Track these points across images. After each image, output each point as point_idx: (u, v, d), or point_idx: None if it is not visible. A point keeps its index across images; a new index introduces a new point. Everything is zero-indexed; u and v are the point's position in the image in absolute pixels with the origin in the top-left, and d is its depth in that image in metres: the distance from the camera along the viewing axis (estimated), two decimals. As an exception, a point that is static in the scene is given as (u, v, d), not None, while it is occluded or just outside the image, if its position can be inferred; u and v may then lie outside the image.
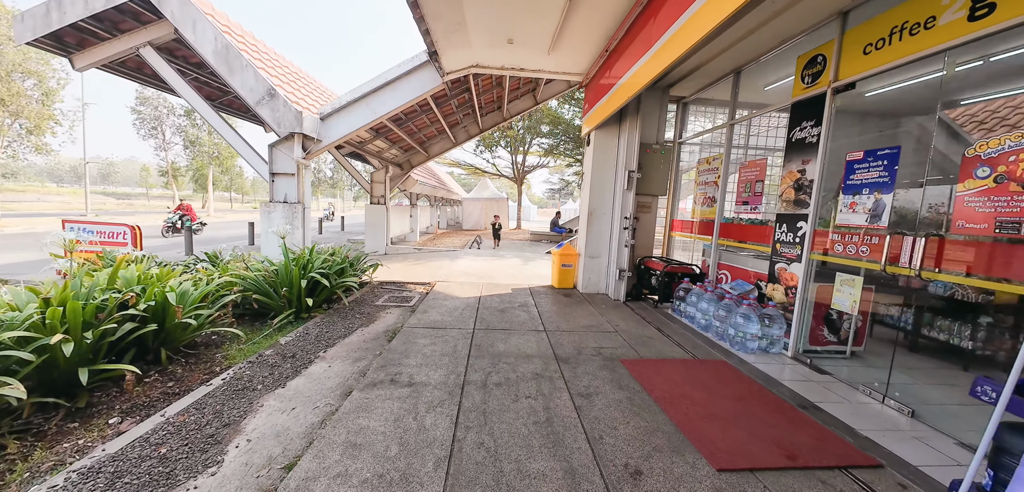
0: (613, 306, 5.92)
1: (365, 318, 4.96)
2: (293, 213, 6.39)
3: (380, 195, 11.71)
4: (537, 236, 16.75)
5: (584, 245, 6.73)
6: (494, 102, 10.96)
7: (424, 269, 8.70)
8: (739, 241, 5.23)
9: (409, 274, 8.01)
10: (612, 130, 6.53)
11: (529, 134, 21.54)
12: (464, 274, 8.18)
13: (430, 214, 21.52)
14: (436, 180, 18.94)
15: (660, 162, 6.28)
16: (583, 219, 6.91)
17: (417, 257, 10.68)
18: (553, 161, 25.75)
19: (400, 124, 8.79)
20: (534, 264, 10.01)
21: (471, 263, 9.74)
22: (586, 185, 6.80)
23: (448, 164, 25.43)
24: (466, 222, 25.24)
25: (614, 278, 6.40)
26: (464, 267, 9.07)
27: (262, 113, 6.06)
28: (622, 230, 6.23)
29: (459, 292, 6.49)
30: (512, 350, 3.94)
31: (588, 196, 6.65)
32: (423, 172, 15.67)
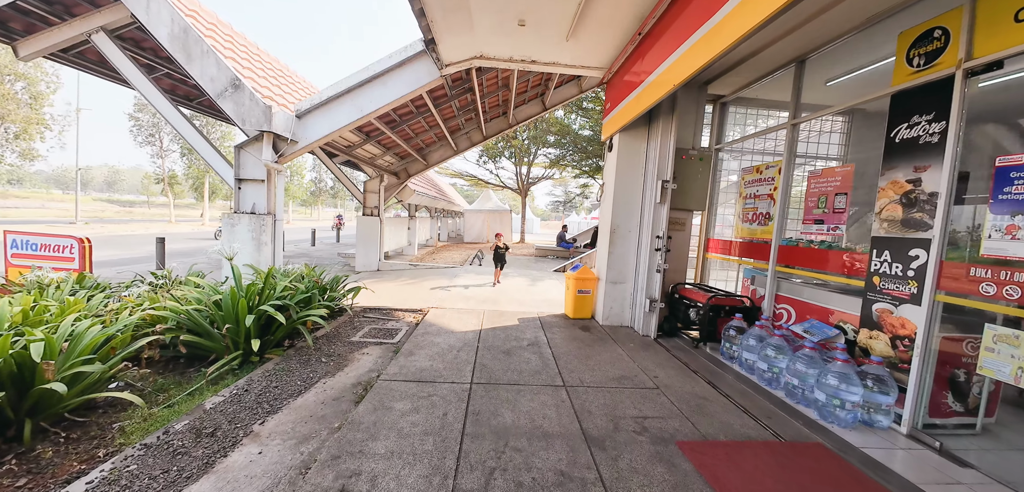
0: (643, 345, 4.82)
1: (333, 363, 3.89)
2: (261, 227, 5.37)
3: (373, 206, 10.73)
4: (543, 251, 15.69)
5: (605, 268, 5.66)
6: (499, 106, 10.01)
7: (417, 291, 7.63)
8: (808, 269, 4.14)
9: (399, 298, 6.94)
10: (639, 134, 5.51)
11: (534, 144, 20.66)
12: (463, 298, 7.11)
13: (430, 226, 20.55)
14: (436, 190, 18.01)
15: (698, 171, 5.24)
16: (603, 237, 5.85)
17: (412, 275, 9.62)
18: (558, 173, 24.83)
19: (394, 127, 7.84)
20: (542, 285, 8.93)
21: (472, 283, 8.67)
22: (607, 198, 5.76)
23: (450, 175, 24.55)
24: (468, 235, 24.25)
25: (642, 309, 5.31)
26: (463, 288, 8.01)
27: (225, 107, 5.09)
28: (653, 251, 5.16)
29: (456, 323, 5.41)
30: (524, 423, 2.85)
31: (610, 211, 5.60)
32: (422, 182, 14.72)
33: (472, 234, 24.29)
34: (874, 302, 3.35)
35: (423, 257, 14.63)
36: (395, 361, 3.95)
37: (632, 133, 5.50)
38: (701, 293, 4.93)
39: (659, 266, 5.05)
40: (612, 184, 5.58)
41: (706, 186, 5.30)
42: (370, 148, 8.99)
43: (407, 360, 3.98)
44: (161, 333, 3.44)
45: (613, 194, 5.54)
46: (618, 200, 5.55)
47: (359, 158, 9.08)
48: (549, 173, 24.17)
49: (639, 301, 5.41)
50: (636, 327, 5.47)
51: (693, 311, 4.89)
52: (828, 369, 3.19)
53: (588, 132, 17.44)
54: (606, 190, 5.89)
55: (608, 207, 5.71)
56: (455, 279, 9.14)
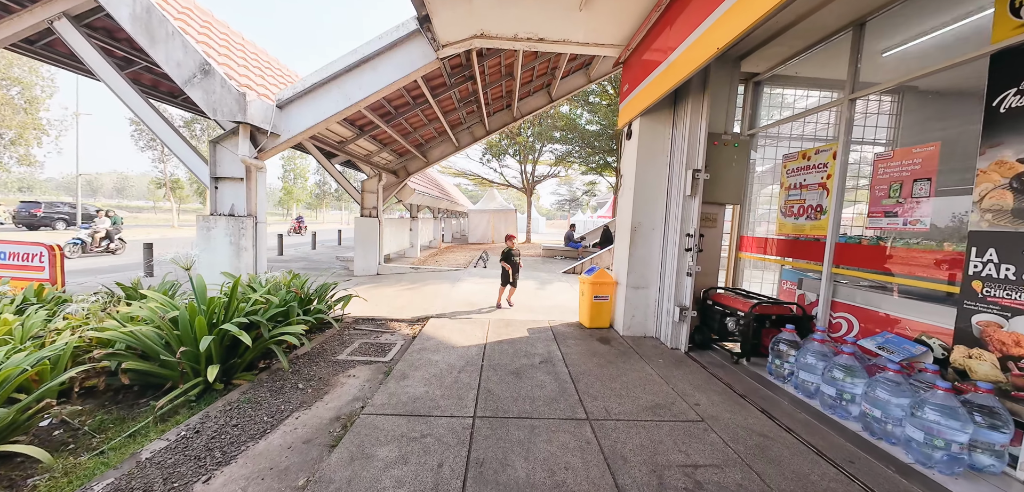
0: (674, 361, 4.17)
1: (312, 389, 3.29)
2: (240, 230, 4.80)
3: (372, 207, 10.16)
4: (550, 251, 15.04)
5: (625, 272, 5.01)
6: (503, 98, 9.39)
7: (417, 297, 7.03)
8: (876, 271, 3.47)
9: (397, 305, 6.34)
10: (663, 117, 4.85)
11: (539, 141, 20.01)
12: (466, 305, 6.49)
13: (433, 227, 19.98)
14: (438, 190, 17.43)
15: (733, 159, 4.57)
16: (622, 237, 5.20)
17: (412, 279, 9.03)
18: (564, 170, 24.17)
19: (389, 120, 7.26)
20: (552, 289, 8.29)
21: (476, 288, 8.06)
22: (626, 192, 5.11)
23: (453, 174, 23.99)
24: (472, 235, 23.66)
25: (670, 317, 4.65)
26: (467, 293, 7.39)
27: (194, 95, 4.52)
28: (683, 252, 4.50)
29: (458, 335, 4.80)
30: (541, 478, 2.22)
31: (630, 206, 4.95)
32: (422, 180, 14.14)
33: (477, 235, 23.69)
34: (974, 313, 2.68)
35: (426, 260, 14.06)
36: (385, 386, 3.34)
37: (655, 117, 4.84)
38: (740, 300, 4.26)
39: (690, 268, 4.39)
40: (632, 176, 4.93)
41: (743, 176, 4.63)
42: (364, 144, 8.41)
43: (399, 385, 3.36)
44: (100, 359, 2.86)
45: (634, 187, 4.89)
46: (639, 194, 4.90)
47: (354, 155, 8.51)
48: (554, 171, 23.52)
49: (666, 308, 4.76)
50: (663, 338, 4.81)
51: (731, 320, 4.22)
52: (925, 400, 2.52)
53: (595, 127, 16.76)
54: (624, 183, 5.24)
55: (627, 202, 5.06)
56: (458, 283, 8.53)
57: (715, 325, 4.46)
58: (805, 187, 4.26)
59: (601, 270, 5.29)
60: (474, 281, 8.87)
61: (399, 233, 13.78)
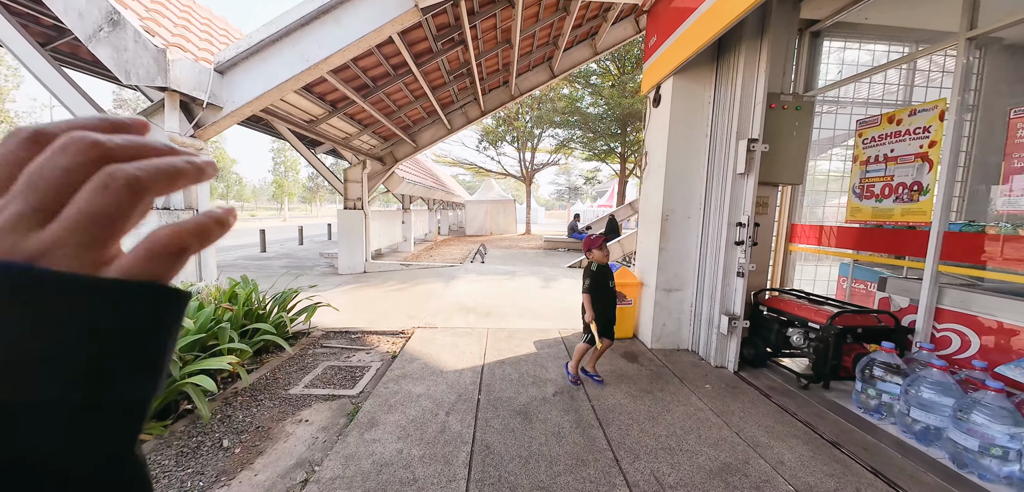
0: (725, 386, 3.26)
1: (243, 446, 2.36)
2: (176, 227, 3.80)
3: (356, 198, 9.15)
4: (552, 243, 14.11)
5: (654, 271, 4.07)
6: (499, 72, 8.35)
7: (405, 300, 6.09)
8: (1009, 269, 2.54)
9: (380, 311, 5.40)
10: (702, 77, 3.87)
11: (538, 126, 18.95)
12: (460, 309, 5.56)
13: (428, 219, 19.00)
14: (433, 179, 16.40)
15: (794, 127, 3.61)
16: (650, 228, 4.26)
17: (402, 278, 8.08)
18: (564, 157, 23.14)
19: (366, 94, 6.24)
20: (559, 287, 7.36)
21: (472, 287, 7.12)
22: (654, 172, 4.15)
23: (448, 163, 22.94)
24: (470, 227, 22.68)
25: (713, 327, 3.73)
26: (461, 295, 6.45)
27: (101, 54, 3.51)
28: (731, 245, 3.55)
29: (448, 353, 3.87)
30: None
31: (660, 190, 4.00)
32: (413, 168, 13.10)
33: (474, 226, 22.73)
34: None
35: (419, 254, 13.10)
36: (344, 440, 2.41)
37: (691, 77, 3.86)
38: (807, 306, 3.33)
39: (742, 267, 3.45)
40: (663, 152, 3.96)
41: (805, 147, 3.67)
42: (340, 125, 7.38)
43: (364, 439, 2.43)
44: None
45: (664, 166, 3.93)
46: (672, 174, 3.94)
47: (330, 138, 7.48)
48: (555, 158, 22.49)
49: (706, 316, 3.83)
50: (702, 352, 3.89)
51: (797, 333, 3.30)
52: None
53: (598, 109, 15.71)
54: (650, 161, 4.27)
55: (656, 185, 4.10)
56: (453, 282, 7.58)
57: (771, 337, 3.54)
58: (893, 159, 3.31)
59: (622, 269, 4.35)
60: (471, 279, 7.93)
61: (390, 226, 12.79)
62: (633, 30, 8.98)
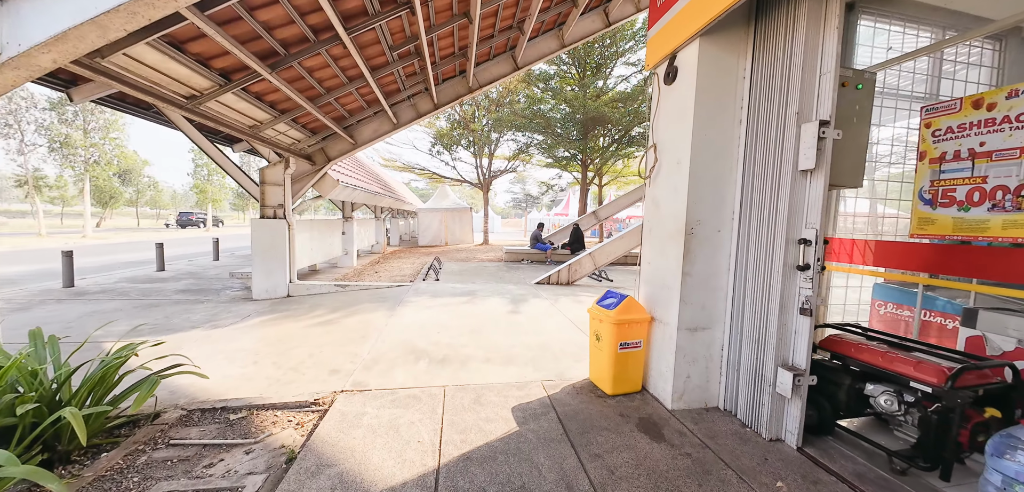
0: (801, 477, 2.22)
1: None
2: None
3: (276, 204, 7.38)
4: (515, 255, 12.97)
5: (675, 303, 2.99)
6: (453, 55, 7.08)
7: (330, 341, 4.56)
8: None
9: (290, 364, 3.85)
10: (736, 42, 2.89)
11: (497, 130, 17.86)
12: (406, 353, 4.16)
13: (374, 229, 17.07)
14: (379, 184, 14.60)
15: (854, 111, 2.71)
16: (665, 246, 3.19)
17: (333, 305, 6.45)
18: (523, 165, 22.24)
19: (275, 64, 4.65)
20: (530, 310, 6.16)
21: (423, 316, 5.71)
22: (673, 172, 3.09)
23: (398, 168, 21.08)
24: (423, 237, 20.94)
25: (758, 382, 2.71)
26: (410, 328, 5.04)
27: None
28: (791, 270, 2.55)
29: (383, 447, 2.49)
30: None
31: (683, 194, 2.94)
32: (353, 170, 11.33)
33: (428, 236, 21.02)
34: None
35: (362, 271, 11.33)
36: None
37: (721, 42, 2.87)
38: (900, 357, 2.39)
39: (808, 301, 2.46)
40: (685, 142, 2.92)
41: (866, 139, 2.78)
42: (241, 107, 5.65)
43: None
44: None
45: (689, 161, 2.88)
46: (699, 172, 2.90)
47: (229, 125, 5.71)
48: (513, 165, 21.48)
49: (749, 366, 2.80)
50: (744, 415, 2.86)
51: (888, 395, 2.35)
52: None
53: (558, 114, 14.92)
54: (663, 157, 3.22)
55: (674, 188, 3.05)
56: (399, 309, 6.11)
57: (840, 395, 2.58)
58: (984, 155, 2.49)
59: (629, 300, 3.23)
60: (422, 303, 6.50)
61: (326, 238, 10.92)
62: (602, 23, 8.18)
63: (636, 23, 13.95)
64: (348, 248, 12.43)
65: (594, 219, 15.21)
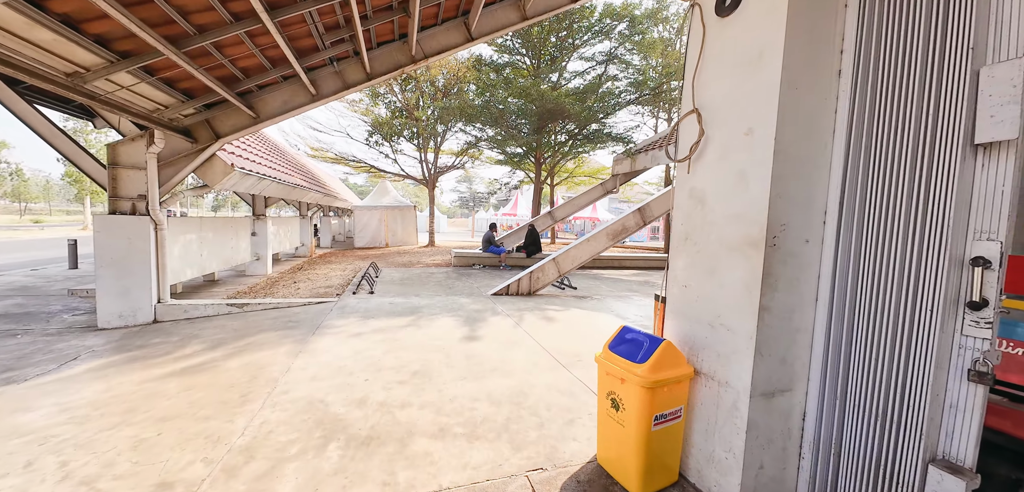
0: None
1: None
2: None
3: (135, 194, 5.33)
4: (465, 259, 11.57)
5: (749, 354, 1.89)
6: (390, 8, 5.56)
7: (190, 410, 2.90)
8: None
9: (77, 477, 2.18)
10: (833, -49, 1.85)
11: (444, 121, 16.26)
12: (313, 424, 2.67)
13: (300, 228, 14.62)
14: (303, 175, 12.29)
15: None
16: (718, 261, 2.07)
17: (215, 337, 4.64)
18: (472, 161, 20.79)
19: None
20: (490, 334, 4.87)
21: (345, 351, 4.17)
22: (735, 145, 1.99)
23: (330, 159, 18.56)
24: (361, 237, 18.61)
25: (899, 485, 1.69)
26: (321, 376, 3.50)
27: None
28: (949, 307, 1.56)
29: None
30: None
31: (764, 181, 1.86)
32: (262, 154, 9.07)
33: (366, 237, 18.75)
34: None
35: (278, 280, 9.23)
36: None
37: (820, -55, 1.82)
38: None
39: (984, 357, 1.48)
40: (767, 102, 1.83)
41: None
42: (42, 38, 3.65)
43: None
44: None
45: (775, 129, 1.79)
46: (786, 149, 1.82)
47: (31, 70, 3.68)
48: (461, 161, 19.96)
49: (869, 457, 1.77)
50: (848, 529, 1.83)
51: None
52: None
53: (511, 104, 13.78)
54: (712, 127, 2.12)
55: (750, 171, 1.95)
56: (313, 340, 4.49)
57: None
58: None
59: (666, 347, 2.07)
60: (347, 330, 4.91)
61: (226, 240, 8.68)
62: None
63: (594, 13, 13.26)
64: (261, 252, 10.18)
65: (550, 220, 14.31)
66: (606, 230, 7.94)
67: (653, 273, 11.64)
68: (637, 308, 6.73)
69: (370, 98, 16.01)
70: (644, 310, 6.57)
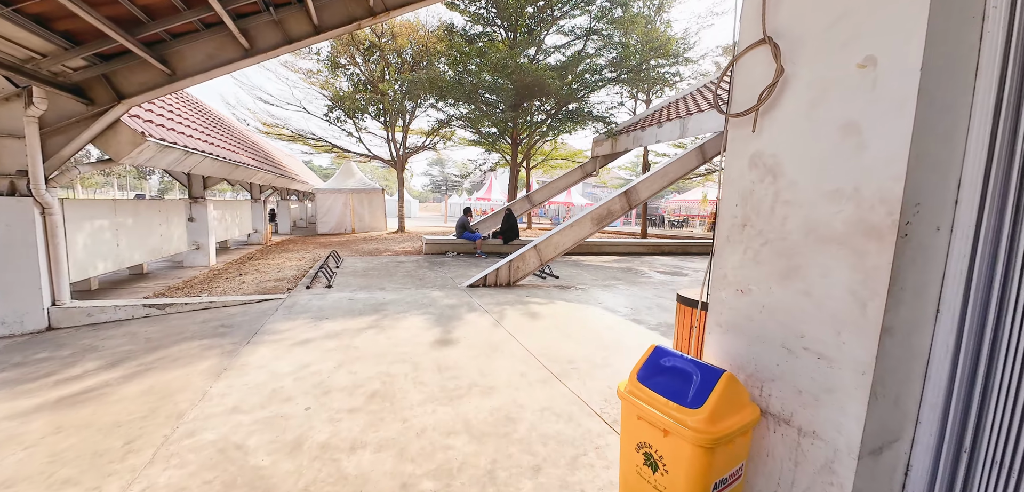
0: None
1: None
2: None
3: (13, 170, 4.23)
4: (438, 246, 10.70)
5: (859, 396, 1.28)
6: (347, -52, 4.57)
7: (46, 463, 2.03)
8: None
9: None
10: None
11: (412, 98, 15.05)
12: (223, 485, 1.88)
13: (251, 213, 13.17)
14: (252, 153, 10.85)
15: None
16: (804, 258, 1.44)
17: (120, 351, 3.68)
18: (443, 143, 19.63)
19: None
20: (468, 334, 4.16)
21: (287, 364, 3.34)
22: (841, 90, 1.34)
23: (286, 138, 16.91)
24: (325, 222, 17.21)
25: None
26: (247, 405, 2.68)
27: None
28: None
29: None
30: None
31: (899, 139, 1.22)
32: (196, 121, 7.69)
33: (330, 222, 17.37)
34: None
35: (222, 272, 8.08)
36: None
37: None
38: None
39: None
40: (904, 20, 1.18)
41: None
42: None
43: None
44: None
45: (920, 61, 1.15)
46: (930, 89, 1.19)
47: None
48: (432, 141, 18.77)
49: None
50: None
51: None
52: None
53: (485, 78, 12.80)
54: (799, 63, 1.46)
55: (866, 123, 1.32)
56: (245, 351, 3.61)
57: None
58: None
59: (727, 382, 1.44)
60: (292, 335, 4.06)
61: (154, 227, 7.43)
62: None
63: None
64: (200, 240, 8.91)
65: (527, 204, 13.64)
66: (591, 214, 7.35)
67: (633, 259, 11.26)
68: (626, 298, 6.20)
69: (329, 69, 14.55)
70: (635, 301, 6.05)
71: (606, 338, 4.24)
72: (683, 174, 8.51)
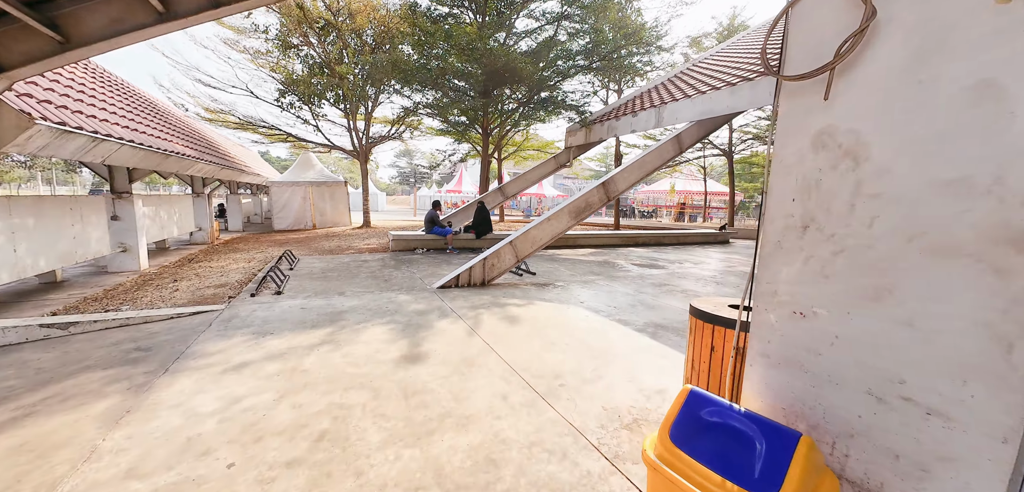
0: None
1: None
2: None
3: None
4: (406, 243, 9.99)
5: (1001, 476, 0.91)
6: None
7: None
8: None
9: None
10: None
11: (374, 83, 14.04)
12: None
13: (193, 209, 11.83)
14: (187, 138, 9.58)
15: None
16: (898, 267, 1.04)
17: (2, 394, 2.87)
18: (409, 132, 18.64)
19: None
20: (438, 347, 3.64)
21: (213, 401, 2.70)
22: (977, 30, 0.94)
23: (233, 126, 15.40)
24: (281, 219, 15.90)
25: None
26: (146, 461, 2.06)
27: None
28: None
29: None
30: None
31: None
32: (119, 105, 6.55)
33: (288, 218, 16.08)
34: None
35: (148, 280, 7.06)
36: None
37: None
38: None
39: None
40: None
41: None
42: None
43: None
44: None
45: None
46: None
47: None
48: (397, 131, 17.75)
49: None
50: None
51: None
52: None
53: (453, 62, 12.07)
54: (895, 4, 1.05)
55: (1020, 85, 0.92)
56: (160, 383, 2.92)
57: None
58: None
59: (807, 451, 1.04)
60: (226, 357, 3.38)
61: (64, 227, 6.32)
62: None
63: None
64: (128, 241, 7.79)
65: (500, 196, 13.13)
66: (569, 208, 6.96)
67: (609, 251, 11.06)
68: (608, 296, 5.88)
69: (280, 50, 13.28)
70: (617, 298, 5.73)
71: (593, 344, 3.85)
72: (661, 164, 8.29)
